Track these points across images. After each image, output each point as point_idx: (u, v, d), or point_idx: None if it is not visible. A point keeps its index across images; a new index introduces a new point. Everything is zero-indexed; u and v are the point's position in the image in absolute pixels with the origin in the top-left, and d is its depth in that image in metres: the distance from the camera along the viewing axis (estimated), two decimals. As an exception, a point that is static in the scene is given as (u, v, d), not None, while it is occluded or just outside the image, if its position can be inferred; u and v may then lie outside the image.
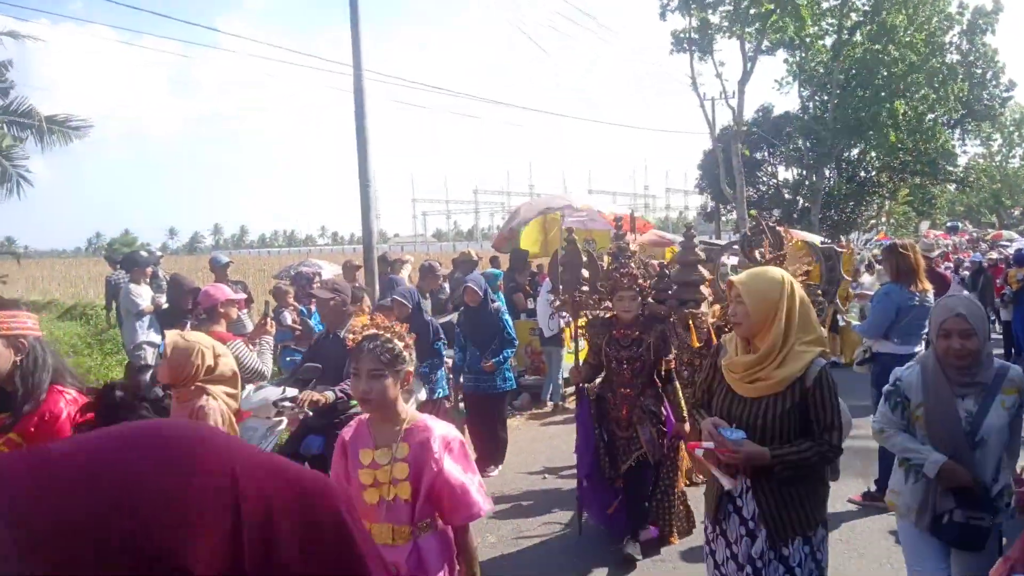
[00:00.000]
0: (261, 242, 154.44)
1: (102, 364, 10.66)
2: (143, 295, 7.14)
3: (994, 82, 29.30)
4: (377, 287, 8.75)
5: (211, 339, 3.14)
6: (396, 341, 2.24)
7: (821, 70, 26.78)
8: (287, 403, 4.28)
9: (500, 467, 6.19)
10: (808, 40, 24.46)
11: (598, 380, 4.52)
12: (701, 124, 26.99)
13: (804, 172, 29.40)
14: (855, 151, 29.20)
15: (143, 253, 7.63)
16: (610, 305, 4.47)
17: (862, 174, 29.55)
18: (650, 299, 4.44)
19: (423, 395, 5.65)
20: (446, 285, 8.67)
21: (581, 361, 6.61)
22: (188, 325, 4.64)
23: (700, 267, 5.14)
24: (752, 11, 22.25)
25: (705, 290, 5.12)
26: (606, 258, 4.82)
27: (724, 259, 6.27)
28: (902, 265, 4.98)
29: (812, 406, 2.48)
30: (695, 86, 24.73)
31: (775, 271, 2.68)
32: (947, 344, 2.64)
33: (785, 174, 31.02)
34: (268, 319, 4.98)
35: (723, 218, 32.92)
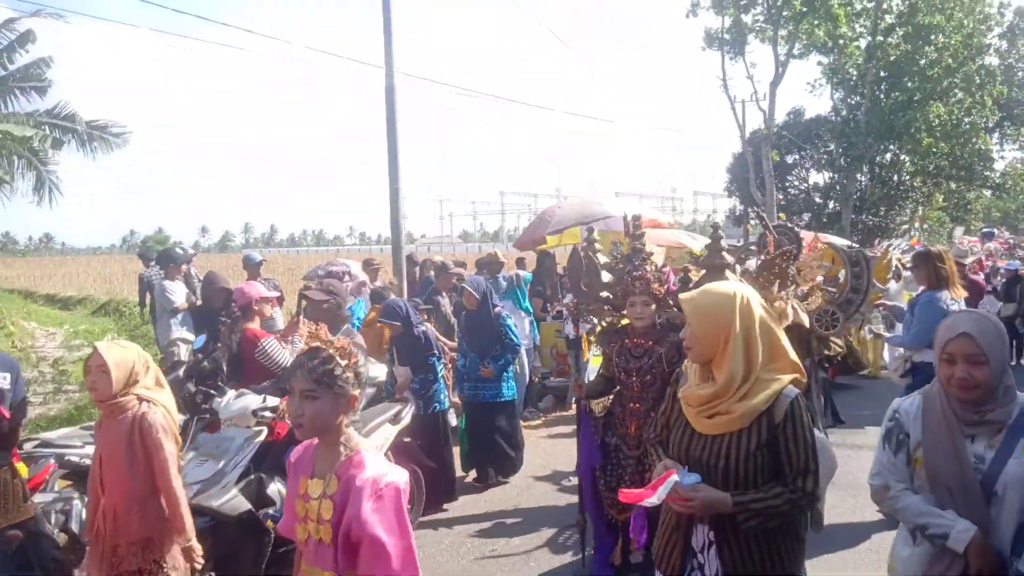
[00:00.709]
0: (290, 241, 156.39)
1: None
2: (177, 292, 7.27)
3: (1034, 85, 28.63)
4: (405, 287, 8.83)
5: (137, 346, 3.04)
6: (338, 359, 1.96)
7: (854, 72, 26.40)
8: (267, 412, 4.10)
9: (514, 476, 6.08)
10: (841, 43, 24.12)
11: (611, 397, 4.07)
12: (731, 126, 26.73)
13: (835, 176, 28.99)
14: (888, 155, 28.71)
15: (178, 250, 7.78)
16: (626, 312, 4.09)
17: (895, 178, 29.04)
18: (669, 306, 3.95)
19: (414, 410, 5.27)
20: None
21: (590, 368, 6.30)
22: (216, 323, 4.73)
23: (728, 272, 4.62)
24: (785, 13, 22.02)
25: None
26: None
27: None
28: (941, 271, 4.90)
29: (783, 445, 2.13)
30: (725, 88, 24.56)
31: (727, 286, 2.33)
32: (950, 372, 2.13)
33: (816, 178, 30.63)
34: (300, 317, 5.05)
35: (751, 222, 32.56)
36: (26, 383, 4.77)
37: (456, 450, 6.10)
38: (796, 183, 30.62)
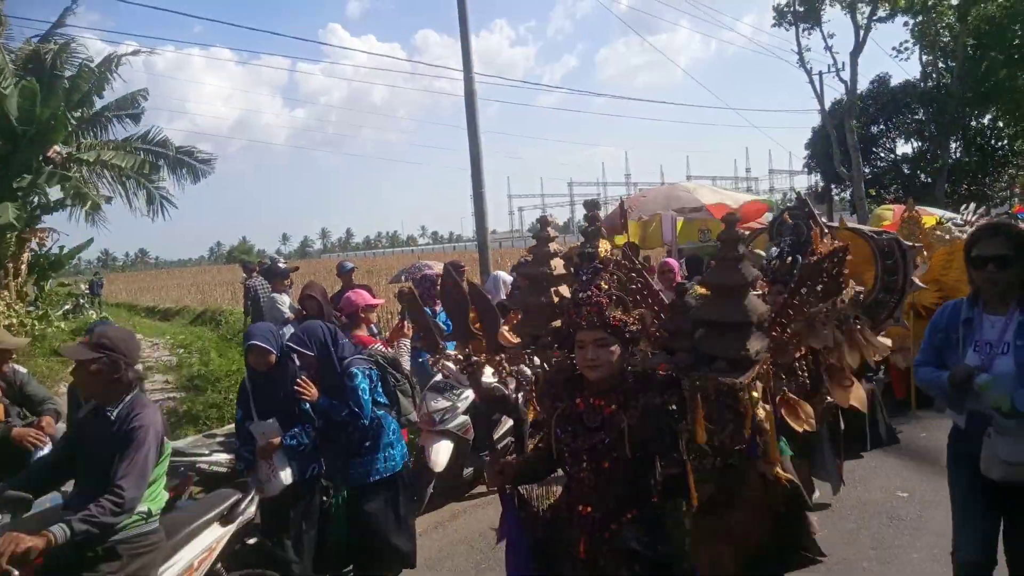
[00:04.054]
0: (366, 244, 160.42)
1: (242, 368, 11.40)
2: (286, 303, 7.59)
3: None
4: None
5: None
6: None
7: (946, 34, 24.89)
8: None
9: None
10: (930, 3, 22.79)
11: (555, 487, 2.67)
12: (807, 101, 25.74)
13: (925, 145, 27.46)
14: (985, 119, 26.99)
15: (280, 264, 8.08)
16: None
17: (992, 143, 27.27)
18: (649, 347, 2.49)
19: (286, 477, 3.86)
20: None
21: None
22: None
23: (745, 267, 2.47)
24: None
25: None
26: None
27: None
28: None
29: None
30: (802, 62, 23.65)
31: None
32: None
33: (904, 148, 29.10)
34: (404, 321, 5.15)
35: (836, 198, 31.28)
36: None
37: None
38: (882, 155, 29.18)
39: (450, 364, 2.94)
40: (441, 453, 5.31)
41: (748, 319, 2.32)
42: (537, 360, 2.67)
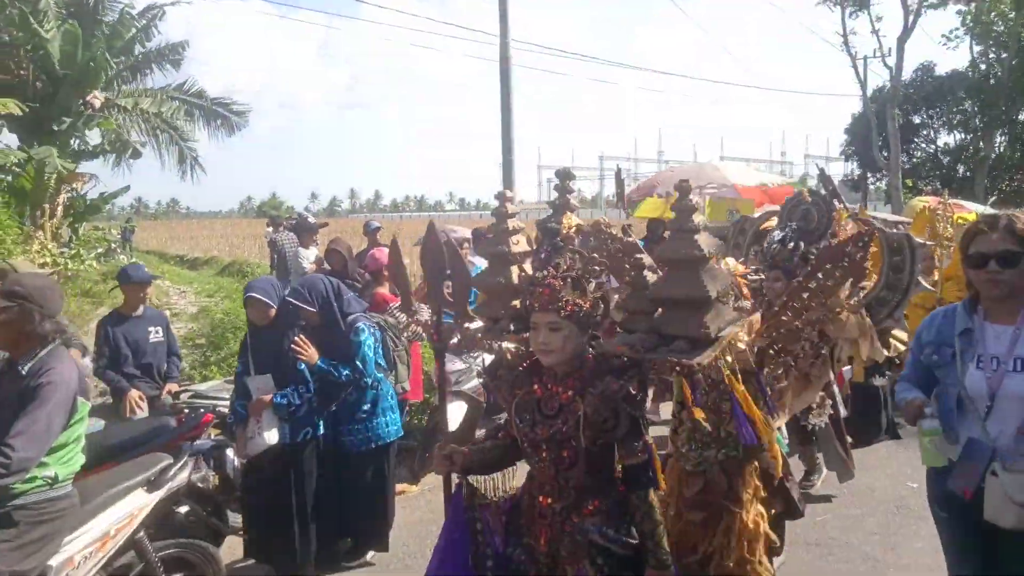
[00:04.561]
0: (393, 207, 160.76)
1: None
2: (310, 258, 7.73)
3: None
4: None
5: None
6: None
7: (999, 24, 24.04)
8: None
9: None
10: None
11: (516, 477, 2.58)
12: (850, 85, 25.13)
13: (969, 137, 26.71)
14: (1033, 114, 26.15)
15: (311, 219, 8.21)
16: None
17: (1039, 140, 26.45)
18: (602, 330, 2.37)
19: (271, 437, 3.74)
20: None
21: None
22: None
23: (701, 240, 2.25)
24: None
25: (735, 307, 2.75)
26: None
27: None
28: None
29: None
30: (846, 45, 23.00)
31: None
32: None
33: (946, 139, 28.34)
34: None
35: (871, 187, 30.64)
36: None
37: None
38: (923, 145, 28.46)
39: (418, 329, 2.86)
40: (453, 413, 5.42)
41: (706, 294, 2.17)
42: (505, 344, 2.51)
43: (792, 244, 3.77)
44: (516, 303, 2.45)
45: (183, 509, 3.64)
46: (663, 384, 2.73)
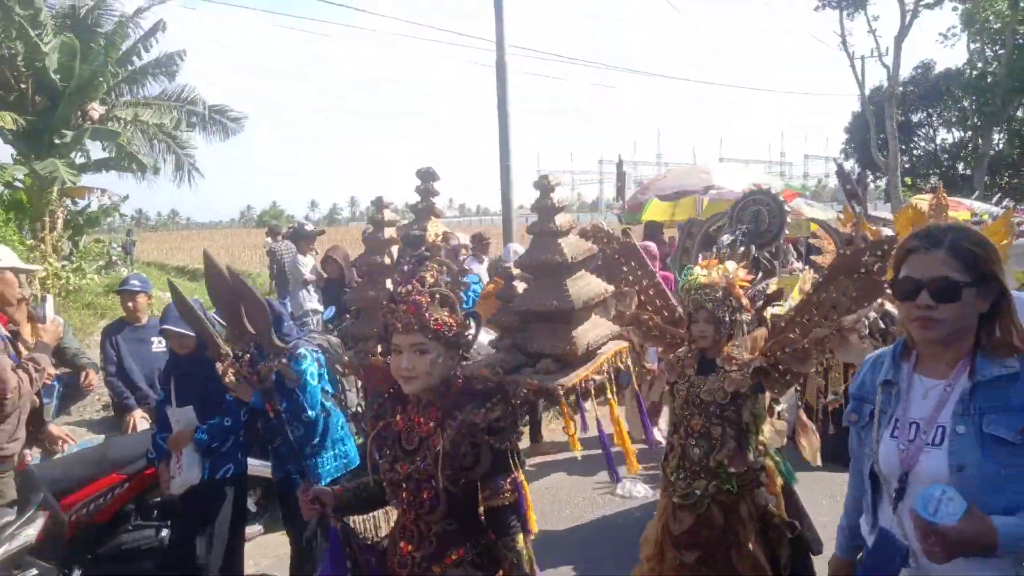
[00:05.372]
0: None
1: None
2: (308, 265, 7.74)
3: None
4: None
5: None
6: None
7: (995, 21, 24.08)
8: None
9: None
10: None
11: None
12: (848, 85, 25.18)
13: (967, 135, 26.72)
14: (1032, 110, 26.15)
15: (308, 226, 8.21)
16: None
17: (1037, 136, 26.45)
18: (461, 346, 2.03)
19: (193, 475, 3.42)
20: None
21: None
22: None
23: (562, 243, 2.05)
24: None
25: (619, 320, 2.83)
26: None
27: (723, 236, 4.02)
28: None
29: None
30: (844, 45, 23.09)
31: None
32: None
33: (944, 137, 28.35)
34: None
35: (870, 186, 30.62)
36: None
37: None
38: (923, 143, 28.47)
39: (231, 377, 2.42)
40: None
41: (569, 305, 1.91)
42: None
43: (743, 248, 3.47)
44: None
45: (32, 573, 3.03)
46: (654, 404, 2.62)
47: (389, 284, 2.18)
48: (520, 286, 2.15)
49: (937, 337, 1.68)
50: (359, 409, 4.24)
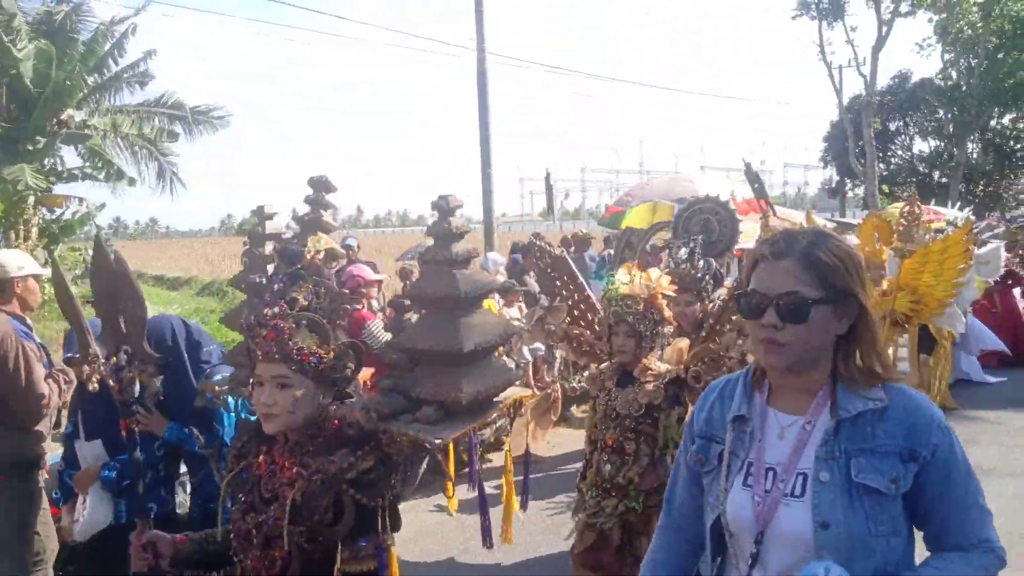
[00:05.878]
0: (376, 222, 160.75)
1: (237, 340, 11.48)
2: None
3: None
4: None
5: None
6: None
7: (968, 31, 24.56)
8: None
9: None
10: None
11: None
12: (826, 94, 25.56)
13: (943, 144, 27.16)
14: (1005, 120, 26.65)
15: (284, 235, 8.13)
16: None
17: (1011, 145, 26.94)
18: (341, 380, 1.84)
19: (100, 517, 2.83)
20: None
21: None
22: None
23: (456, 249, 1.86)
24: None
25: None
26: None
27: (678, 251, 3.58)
28: None
29: None
30: (823, 55, 23.43)
31: None
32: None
33: (921, 146, 28.80)
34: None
35: (849, 194, 31.03)
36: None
37: None
38: (899, 152, 28.89)
39: (95, 384, 2.03)
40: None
41: (458, 347, 1.66)
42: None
43: (701, 261, 3.25)
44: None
45: None
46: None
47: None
48: (415, 318, 1.89)
49: (782, 364, 1.36)
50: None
